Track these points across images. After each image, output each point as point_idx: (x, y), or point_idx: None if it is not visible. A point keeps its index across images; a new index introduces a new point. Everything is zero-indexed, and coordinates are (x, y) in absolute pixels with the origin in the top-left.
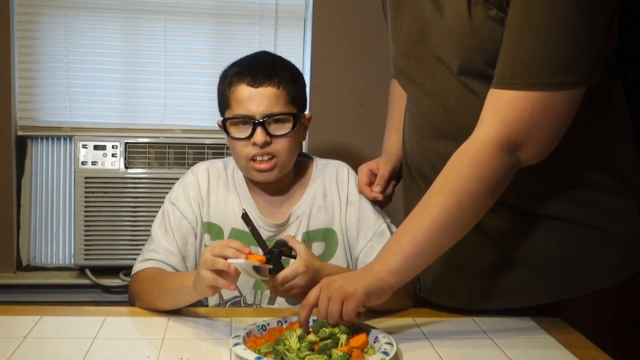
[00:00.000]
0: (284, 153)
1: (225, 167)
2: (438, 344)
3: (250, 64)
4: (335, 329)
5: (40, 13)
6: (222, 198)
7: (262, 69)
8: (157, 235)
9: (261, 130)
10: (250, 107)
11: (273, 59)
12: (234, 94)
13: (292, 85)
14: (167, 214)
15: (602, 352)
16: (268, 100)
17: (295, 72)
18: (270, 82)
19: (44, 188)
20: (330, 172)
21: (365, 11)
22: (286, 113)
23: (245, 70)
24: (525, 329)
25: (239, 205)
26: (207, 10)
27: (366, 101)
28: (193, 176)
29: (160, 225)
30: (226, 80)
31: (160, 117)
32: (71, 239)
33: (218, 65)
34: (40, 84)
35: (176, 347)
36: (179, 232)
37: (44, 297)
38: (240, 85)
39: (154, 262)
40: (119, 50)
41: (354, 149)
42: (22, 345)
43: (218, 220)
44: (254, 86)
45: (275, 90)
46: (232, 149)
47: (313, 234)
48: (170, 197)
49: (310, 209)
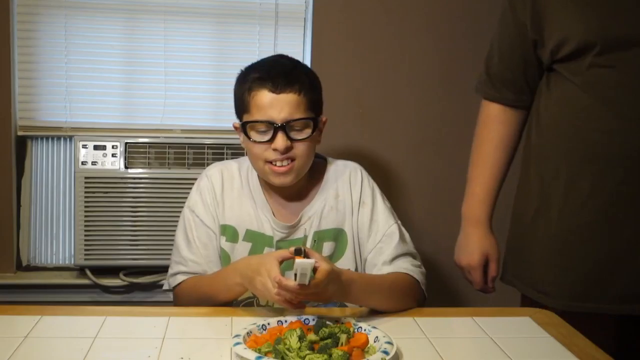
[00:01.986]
0: (302, 157)
1: (240, 168)
2: (438, 344)
3: (271, 69)
4: (335, 329)
5: (40, 13)
6: (236, 200)
7: (283, 74)
8: (181, 246)
9: (282, 136)
10: (271, 113)
11: (292, 64)
12: (254, 99)
13: (312, 91)
14: (187, 223)
15: (602, 352)
16: (289, 107)
17: (313, 77)
18: (292, 88)
19: (44, 188)
20: (344, 173)
21: (365, 11)
22: (306, 118)
23: (267, 76)
24: (525, 329)
25: (253, 207)
26: (207, 10)
27: (366, 101)
28: (207, 180)
29: (183, 236)
30: (245, 85)
31: (160, 117)
32: (71, 239)
33: (218, 65)
34: (40, 84)
35: (176, 347)
36: (200, 240)
37: (44, 297)
38: (261, 90)
39: (183, 275)
40: (119, 50)
41: (354, 149)
42: (22, 345)
43: (233, 222)
44: (275, 92)
45: (296, 97)
46: (250, 152)
47: (324, 234)
48: (189, 204)
49: (322, 210)
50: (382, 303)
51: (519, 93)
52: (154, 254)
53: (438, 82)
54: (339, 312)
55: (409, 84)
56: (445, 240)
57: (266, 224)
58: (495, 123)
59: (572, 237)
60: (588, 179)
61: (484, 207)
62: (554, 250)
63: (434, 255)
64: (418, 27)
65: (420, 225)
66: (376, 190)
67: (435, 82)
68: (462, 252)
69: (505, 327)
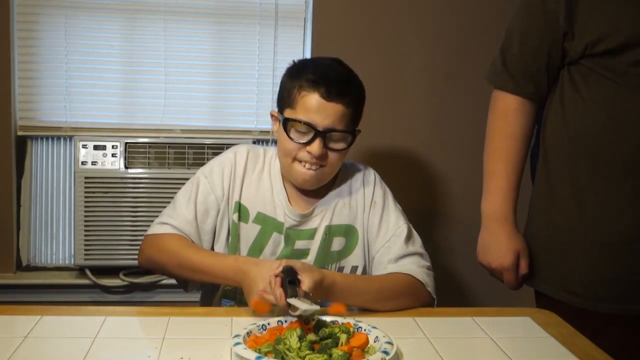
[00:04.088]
0: (332, 166)
1: (265, 153)
2: (438, 344)
3: (326, 75)
4: (335, 329)
5: (40, 13)
6: (255, 181)
7: (337, 83)
8: (179, 202)
9: (320, 142)
10: (316, 118)
11: (348, 74)
12: (303, 99)
13: (358, 105)
14: (196, 185)
15: (602, 352)
16: (335, 116)
17: (362, 91)
18: (342, 99)
19: (44, 188)
20: (358, 173)
21: (365, 11)
22: (347, 132)
23: (321, 80)
24: (525, 329)
25: (269, 192)
26: (207, 10)
27: (366, 101)
28: (232, 154)
29: (185, 193)
30: (297, 82)
31: (160, 117)
32: (71, 239)
33: (218, 65)
34: (40, 84)
35: (176, 347)
36: (202, 204)
37: (44, 297)
38: (312, 94)
39: (170, 227)
40: (119, 50)
41: (354, 148)
42: (22, 345)
43: (247, 202)
44: (326, 99)
45: (343, 109)
46: (282, 145)
47: (335, 229)
48: (204, 170)
49: (335, 204)
50: (369, 303)
51: (539, 86)
52: None
53: (439, 82)
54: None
55: (409, 84)
56: (445, 240)
57: (279, 209)
58: (514, 116)
59: (613, 239)
60: (629, 183)
61: (509, 203)
62: (594, 255)
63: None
64: (418, 27)
65: (420, 224)
66: (388, 192)
67: (436, 82)
68: (490, 253)
69: (505, 327)
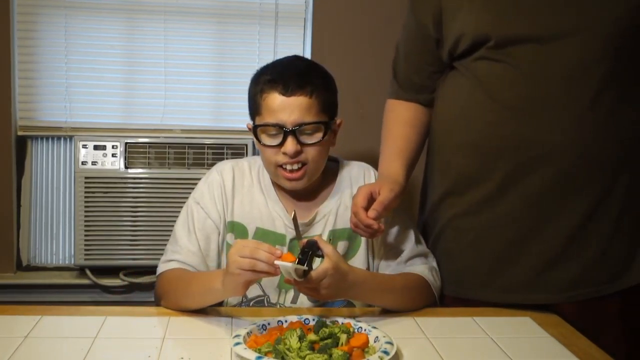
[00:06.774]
0: (314, 161)
1: (250, 167)
2: (438, 344)
3: (283, 71)
4: (335, 329)
5: (40, 13)
6: (246, 198)
7: (294, 77)
8: (180, 235)
9: (292, 140)
10: (281, 116)
11: (306, 66)
12: (265, 101)
13: (325, 93)
14: (190, 214)
15: (602, 352)
16: (300, 110)
17: (327, 79)
18: (303, 91)
19: (44, 188)
20: (358, 173)
21: (365, 11)
22: (317, 122)
23: (278, 78)
24: (525, 329)
25: (264, 205)
26: (207, 11)
27: (366, 101)
28: (218, 175)
29: (183, 225)
30: (258, 87)
31: (160, 117)
32: (71, 239)
33: (218, 65)
34: (40, 84)
35: (176, 347)
36: (202, 232)
37: (44, 297)
38: (272, 93)
39: (177, 262)
40: (119, 50)
41: (354, 149)
42: (22, 345)
43: (242, 220)
44: (286, 95)
45: (307, 100)
46: (262, 155)
47: (339, 233)
48: (194, 196)
49: (337, 208)
50: (395, 303)
51: (426, 93)
52: (154, 254)
53: None
54: (347, 312)
55: None
56: None
57: (278, 221)
58: (400, 110)
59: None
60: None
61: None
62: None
63: None
64: None
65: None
66: None
67: None
68: None
69: (505, 327)
